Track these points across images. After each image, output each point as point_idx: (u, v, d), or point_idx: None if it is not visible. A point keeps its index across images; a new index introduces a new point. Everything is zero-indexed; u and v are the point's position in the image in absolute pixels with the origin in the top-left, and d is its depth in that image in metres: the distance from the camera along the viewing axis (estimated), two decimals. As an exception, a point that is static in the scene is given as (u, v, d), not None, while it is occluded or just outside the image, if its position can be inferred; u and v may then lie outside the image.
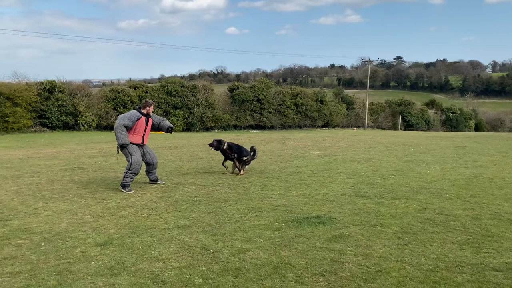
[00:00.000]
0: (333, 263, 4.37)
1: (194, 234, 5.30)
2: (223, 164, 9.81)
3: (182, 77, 75.41)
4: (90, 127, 30.93)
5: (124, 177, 7.74)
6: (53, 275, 4.04)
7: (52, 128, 29.90)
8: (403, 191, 7.79)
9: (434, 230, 5.47)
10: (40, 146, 17.86)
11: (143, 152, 8.13)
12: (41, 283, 3.87)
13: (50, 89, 30.10)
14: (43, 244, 4.92)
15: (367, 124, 46.45)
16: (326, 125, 43.14)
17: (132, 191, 7.67)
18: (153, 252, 4.66)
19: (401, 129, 45.85)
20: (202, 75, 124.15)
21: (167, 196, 7.42)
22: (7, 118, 27.00)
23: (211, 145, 9.68)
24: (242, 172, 9.42)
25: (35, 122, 29.34)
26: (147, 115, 8.02)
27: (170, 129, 8.56)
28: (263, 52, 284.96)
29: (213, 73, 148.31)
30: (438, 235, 5.25)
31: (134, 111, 7.96)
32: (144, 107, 8.04)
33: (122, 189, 7.71)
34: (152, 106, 8.16)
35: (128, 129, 7.75)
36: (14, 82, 30.08)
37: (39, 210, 6.41)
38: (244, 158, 9.51)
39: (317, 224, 5.67)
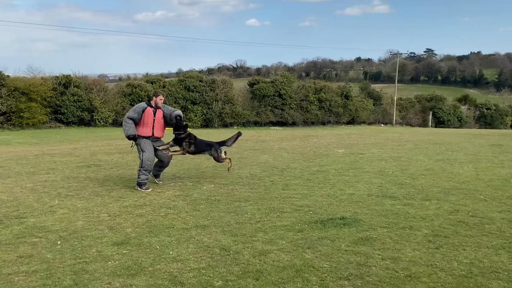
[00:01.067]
0: (359, 267, 4.35)
1: (213, 234, 5.33)
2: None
3: (200, 71, 75.97)
4: (106, 123, 31.39)
5: (139, 175, 7.84)
6: (69, 275, 4.12)
7: (67, 124, 30.45)
8: (434, 191, 7.68)
9: (468, 233, 5.38)
10: (56, 142, 18.23)
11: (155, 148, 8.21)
12: (57, 283, 3.95)
13: (65, 83, 30.63)
14: (59, 242, 5.02)
15: (395, 120, 45.90)
16: (351, 122, 42.79)
17: (149, 190, 7.76)
18: (171, 253, 4.71)
19: (431, 126, 45.15)
20: (221, 69, 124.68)
21: (185, 194, 7.48)
22: (22, 114, 27.60)
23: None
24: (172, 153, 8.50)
25: (50, 117, 29.91)
26: (155, 107, 8.08)
27: (178, 117, 8.34)
28: (285, 44, 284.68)
29: (233, 67, 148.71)
30: (471, 239, 5.16)
31: (142, 103, 8.19)
32: (151, 98, 8.16)
33: (138, 188, 7.81)
34: (159, 97, 8.20)
35: (136, 121, 7.91)
36: (29, 77, 30.72)
37: (55, 208, 6.54)
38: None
39: (342, 225, 5.64)
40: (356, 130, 30.80)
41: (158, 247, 4.89)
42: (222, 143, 8.84)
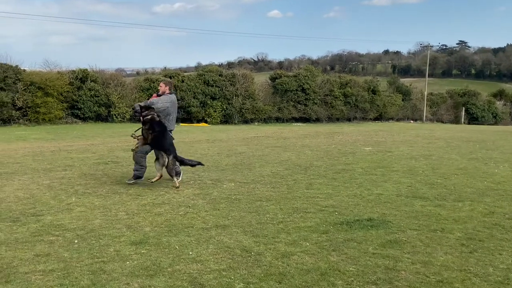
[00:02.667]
0: (388, 271, 4.31)
1: (234, 234, 5.35)
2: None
3: (220, 65, 76.15)
4: (123, 119, 31.78)
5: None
6: (87, 275, 4.19)
7: (84, 119, 30.94)
8: (468, 192, 7.56)
9: (504, 237, 5.28)
10: (72, 138, 18.56)
11: None
12: (74, 283, 4.02)
13: (82, 78, 31.09)
14: (76, 241, 5.11)
15: (426, 117, 45.27)
16: (378, 118, 42.37)
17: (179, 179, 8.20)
18: (190, 253, 4.75)
19: (464, 122, 44.40)
20: (241, 62, 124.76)
21: (205, 193, 7.53)
22: (38, 109, 28.15)
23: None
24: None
25: (66, 113, 30.42)
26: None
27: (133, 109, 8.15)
28: (309, 37, 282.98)
29: (254, 60, 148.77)
30: (508, 243, 5.07)
31: None
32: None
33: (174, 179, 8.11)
34: (160, 85, 8.57)
35: None
36: (46, 71, 31.27)
37: (72, 206, 6.66)
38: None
39: (369, 227, 5.59)
40: (384, 126, 30.49)
41: (177, 247, 4.94)
42: (181, 159, 8.32)
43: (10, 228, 5.55)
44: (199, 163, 8.63)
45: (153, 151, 8.30)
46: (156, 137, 7.87)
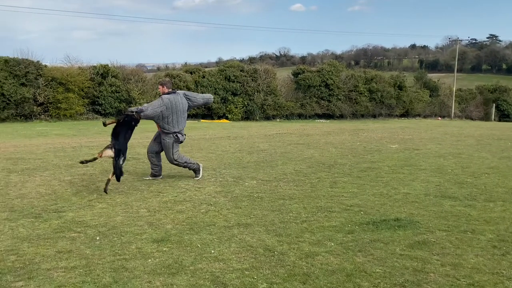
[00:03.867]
0: (416, 273, 4.25)
1: (257, 233, 5.35)
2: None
3: (241, 61, 76.35)
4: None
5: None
6: (109, 272, 4.24)
7: (105, 115, 31.33)
8: (499, 192, 7.41)
9: (539, 239, 5.15)
10: (93, 134, 18.83)
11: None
12: (96, 280, 4.07)
13: (103, 73, 31.50)
14: (98, 238, 5.18)
15: (454, 113, 44.56)
16: (405, 114, 41.89)
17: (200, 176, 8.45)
18: (212, 251, 4.76)
19: (494, 119, 43.52)
20: (263, 57, 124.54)
21: (227, 191, 7.55)
22: (59, 105, 28.63)
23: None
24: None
25: (87, 109, 30.87)
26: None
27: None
28: (333, 31, 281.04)
29: (276, 55, 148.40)
30: (544, 246, 4.94)
31: None
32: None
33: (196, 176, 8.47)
34: (158, 87, 8.58)
35: None
36: (67, 67, 31.78)
37: (93, 202, 6.76)
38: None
39: (396, 227, 5.53)
40: (411, 123, 30.11)
41: (199, 245, 4.96)
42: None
43: (32, 224, 5.66)
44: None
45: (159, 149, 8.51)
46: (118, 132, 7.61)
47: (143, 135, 17.54)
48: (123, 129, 7.69)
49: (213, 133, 18.86)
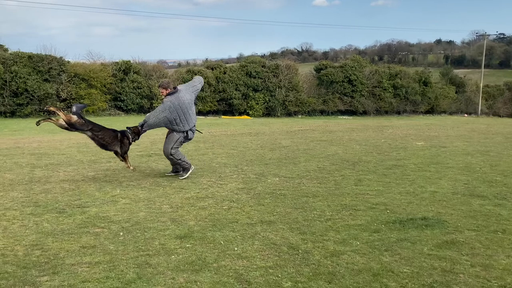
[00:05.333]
0: (445, 274, 4.17)
1: (280, 231, 5.32)
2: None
3: (263, 56, 76.19)
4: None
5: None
6: (132, 268, 4.26)
7: (127, 111, 31.70)
8: (531, 191, 7.23)
9: None
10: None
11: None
12: (120, 276, 4.10)
13: (125, 69, 31.83)
14: (121, 233, 5.22)
15: (481, 110, 43.76)
16: (430, 111, 41.34)
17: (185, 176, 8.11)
18: (236, 249, 4.76)
19: (524, 116, 42.57)
20: (284, 53, 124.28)
21: (249, 187, 7.54)
22: (82, 100, 29.05)
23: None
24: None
25: (110, 104, 31.26)
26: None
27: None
28: (356, 26, 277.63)
29: (297, 51, 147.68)
30: None
31: None
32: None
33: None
34: (160, 91, 8.22)
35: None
36: (89, 63, 32.22)
37: (117, 198, 6.82)
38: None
39: (424, 227, 5.44)
40: (436, 120, 29.68)
41: (222, 242, 4.96)
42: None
43: (57, 219, 5.74)
44: None
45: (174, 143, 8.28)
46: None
47: (164, 131, 17.67)
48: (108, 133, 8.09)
49: (234, 129, 18.89)
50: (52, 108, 7.98)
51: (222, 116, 33.20)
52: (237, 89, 34.48)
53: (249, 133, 16.90)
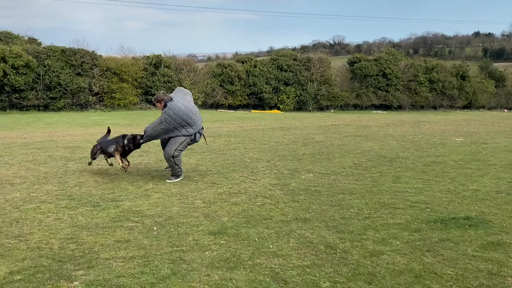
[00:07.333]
0: (492, 277, 4.01)
1: (316, 229, 5.24)
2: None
3: (294, 49, 75.62)
4: (195, 105, 32.52)
5: None
6: (167, 263, 4.26)
7: (157, 105, 31.96)
8: None
9: None
10: (147, 124, 19.19)
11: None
12: (155, 271, 4.09)
13: (156, 64, 32.10)
14: (155, 228, 5.24)
15: (523, 105, 42.38)
16: (468, 106, 40.30)
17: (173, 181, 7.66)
18: (271, 246, 4.70)
19: None
20: (316, 46, 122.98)
21: (282, 183, 7.47)
22: (114, 94, 29.45)
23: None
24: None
25: (141, 98, 31.59)
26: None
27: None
28: (390, 18, 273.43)
29: (329, 44, 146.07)
30: None
31: None
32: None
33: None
34: (156, 105, 8.03)
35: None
36: (120, 57, 32.61)
37: (149, 192, 6.86)
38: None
39: (467, 227, 5.26)
40: (475, 115, 28.94)
41: (256, 239, 4.91)
42: None
43: (91, 213, 5.80)
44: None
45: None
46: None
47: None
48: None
49: (265, 124, 18.82)
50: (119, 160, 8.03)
51: (252, 111, 33.13)
52: (267, 83, 34.31)
53: (280, 128, 16.81)
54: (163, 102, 7.72)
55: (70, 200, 6.37)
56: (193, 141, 7.92)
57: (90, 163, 8.36)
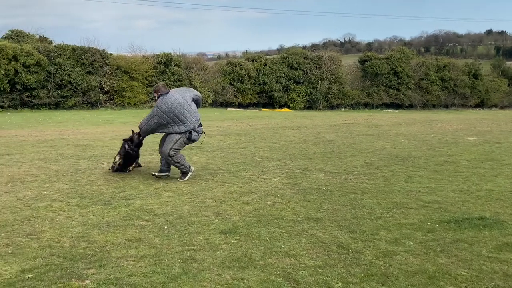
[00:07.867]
0: (507, 278, 3.96)
1: (328, 229, 5.20)
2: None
3: (304, 48, 75.37)
4: (205, 103, 32.49)
5: None
6: (178, 263, 4.25)
7: (167, 103, 32.02)
8: None
9: None
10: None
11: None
12: (166, 270, 4.09)
13: (166, 62, 32.17)
14: (165, 227, 5.24)
15: (536, 104, 41.93)
16: (480, 105, 39.94)
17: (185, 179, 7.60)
18: (282, 246, 4.68)
19: None
20: (326, 44, 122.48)
21: (293, 183, 7.44)
22: (124, 93, 29.55)
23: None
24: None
25: (151, 97, 31.66)
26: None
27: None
28: (401, 15, 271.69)
29: (340, 42, 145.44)
30: None
31: None
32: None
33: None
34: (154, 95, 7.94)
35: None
36: (131, 55, 32.71)
37: (160, 191, 6.86)
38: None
39: (481, 227, 5.20)
40: (487, 114, 28.69)
41: (268, 239, 4.89)
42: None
43: (102, 211, 5.81)
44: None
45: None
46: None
47: (204, 123, 17.75)
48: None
49: (275, 122, 18.78)
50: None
51: (262, 109, 33.10)
52: (278, 81, 34.22)
53: (291, 126, 16.76)
54: (158, 93, 7.60)
55: (81, 199, 6.39)
56: (190, 140, 7.66)
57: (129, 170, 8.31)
